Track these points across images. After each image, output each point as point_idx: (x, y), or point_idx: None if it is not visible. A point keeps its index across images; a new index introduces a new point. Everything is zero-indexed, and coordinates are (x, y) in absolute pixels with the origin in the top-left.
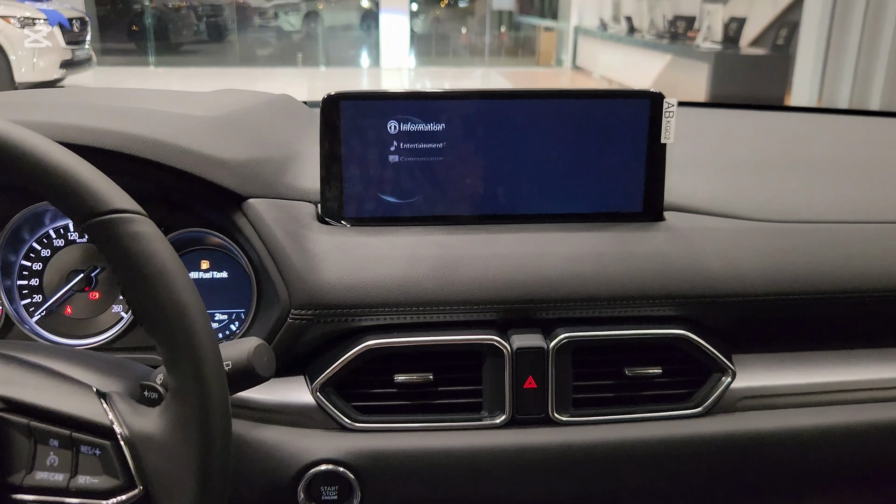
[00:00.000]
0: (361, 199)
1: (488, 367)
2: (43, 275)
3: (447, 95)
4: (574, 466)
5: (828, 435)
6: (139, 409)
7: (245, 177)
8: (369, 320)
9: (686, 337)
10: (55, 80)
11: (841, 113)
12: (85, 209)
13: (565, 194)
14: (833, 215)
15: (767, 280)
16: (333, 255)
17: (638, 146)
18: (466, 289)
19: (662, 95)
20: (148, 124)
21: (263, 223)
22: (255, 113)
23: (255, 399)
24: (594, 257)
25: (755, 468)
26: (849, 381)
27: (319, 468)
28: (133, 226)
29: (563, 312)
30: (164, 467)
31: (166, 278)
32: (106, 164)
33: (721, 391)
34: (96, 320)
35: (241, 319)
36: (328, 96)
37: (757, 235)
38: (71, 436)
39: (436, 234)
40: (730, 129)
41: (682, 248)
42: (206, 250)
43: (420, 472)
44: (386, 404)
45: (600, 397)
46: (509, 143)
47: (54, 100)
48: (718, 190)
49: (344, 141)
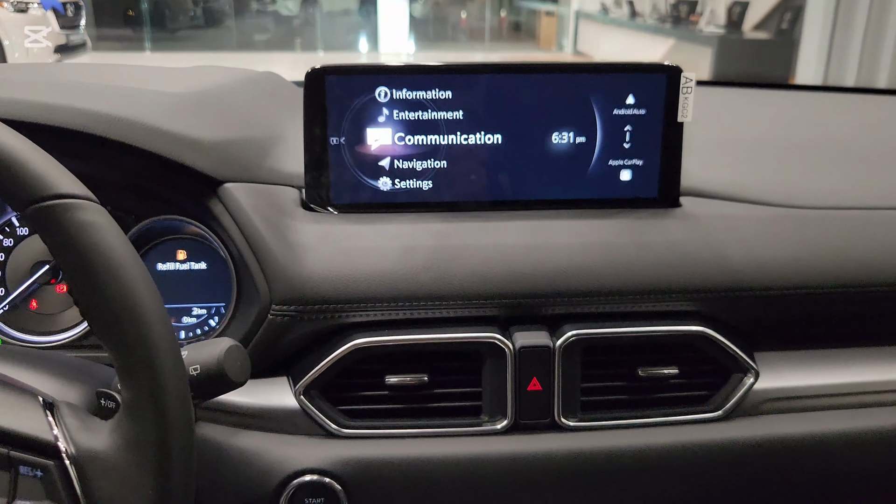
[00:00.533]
0: (350, 184)
1: (489, 368)
2: (5, 267)
3: (444, 69)
4: (582, 476)
5: (858, 441)
6: (91, 423)
7: (221, 159)
8: (358, 317)
9: (705, 334)
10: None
11: (851, 92)
12: (25, 194)
13: (573, 178)
14: (862, 201)
15: (793, 272)
16: (318, 245)
17: (653, 125)
18: (465, 282)
19: (680, 69)
20: (113, 101)
21: (241, 210)
22: (235, 91)
23: (233, 403)
24: (605, 247)
25: (779, 477)
26: (881, 382)
27: (303, 478)
28: (80, 213)
29: (571, 308)
30: (116, 493)
31: (118, 274)
32: (66, 145)
33: (743, 393)
34: (64, 315)
35: (221, 314)
36: (312, 70)
37: (781, 223)
38: (9, 454)
39: (432, 222)
40: (741, 109)
41: (700, 237)
42: (183, 240)
43: (414, 483)
44: (376, 408)
45: (611, 400)
46: (513, 122)
47: (16, 75)
48: (738, 174)
49: (330, 120)
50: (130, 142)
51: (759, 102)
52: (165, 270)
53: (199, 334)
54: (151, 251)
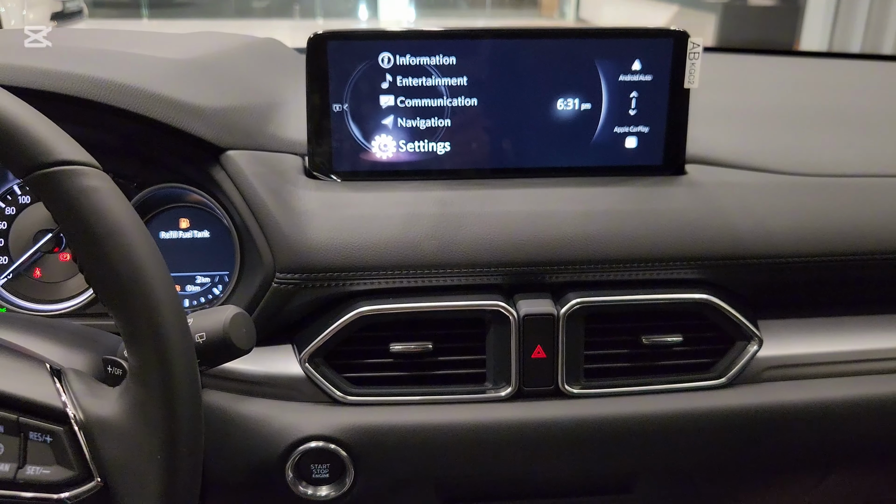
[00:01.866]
0: (353, 151)
1: (493, 336)
2: (8, 235)
3: (447, 35)
4: (585, 442)
5: (861, 408)
6: (98, 390)
7: (223, 126)
8: (362, 284)
9: (709, 302)
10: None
11: (857, 58)
12: (27, 160)
13: (578, 145)
14: (869, 168)
15: (798, 239)
16: (322, 212)
17: (659, 92)
18: (469, 250)
19: (687, 34)
20: (113, 67)
21: (244, 177)
22: (236, 57)
23: (238, 370)
24: (609, 215)
25: (782, 443)
26: (883, 349)
27: (309, 445)
28: (83, 179)
29: (575, 276)
30: (124, 457)
31: (122, 239)
32: (68, 112)
33: (746, 360)
34: (67, 284)
35: (224, 283)
36: (315, 35)
37: (786, 191)
38: (18, 420)
39: (435, 189)
40: (747, 75)
41: (705, 205)
42: (186, 208)
43: (418, 449)
44: (381, 376)
45: (614, 367)
46: (517, 89)
47: (14, 41)
48: (743, 141)
49: (332, 86)
50: (132, 108)
51: (765, 69)
52: (168, 239)
53: (202, 302)
54: (154, 219)
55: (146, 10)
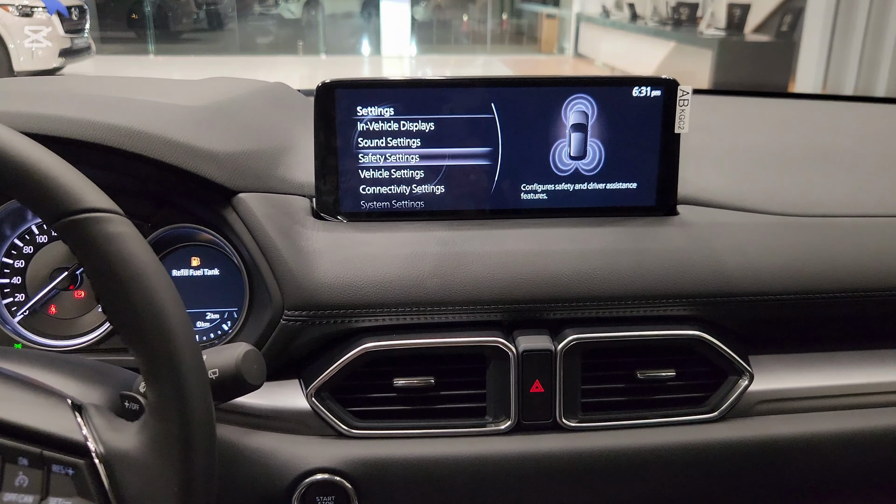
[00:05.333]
0: (358, 193)
1: (493, 371)
2: (25, 273)
3: (449, 83)
4: (583, 475)
5: (851, 441)
6: (117, 424)
7: (235, 170)
8: (367, 321)
9: (701, 338)
10: (54, 69)
11: (849, 100)
12: (55, 208)
13: (574, 188)
14: (856, 209)
15: (786, 278)
16: (329, 252)
17: (650, 136)
18: (470, 288)
19: (677, 82)
20: (131, 115)
21: (254, 218)
22: (247, 102)
23: (247, 404)
24: (604, 254)
25: (774, 476)
26: (872, 384)
27: (315, 477)
28: (108, 226)
29: (572, 312)
30: (143, 489)
31: (143, 282)
32: (87, 157)
33: (738, 395)
34: (82, 320)
35: (233, 319)
36: (323, 84)
37: (775, 230)
38: (42, 454)
39: (437, 230)
40: (739, 117)
41: (696, 244)
42: (197, 247)
43: (421, 481)
44: (385, 410)
45: (610, 401)
46: (514, 134)
47: (36, 88)
48: (734, 182)
49: (339, 131)
50: (149, 154)
51: (757, 111)
52: (180, 276)
53: (212, 338)
54: (167, 257)
55: (152, 45)
